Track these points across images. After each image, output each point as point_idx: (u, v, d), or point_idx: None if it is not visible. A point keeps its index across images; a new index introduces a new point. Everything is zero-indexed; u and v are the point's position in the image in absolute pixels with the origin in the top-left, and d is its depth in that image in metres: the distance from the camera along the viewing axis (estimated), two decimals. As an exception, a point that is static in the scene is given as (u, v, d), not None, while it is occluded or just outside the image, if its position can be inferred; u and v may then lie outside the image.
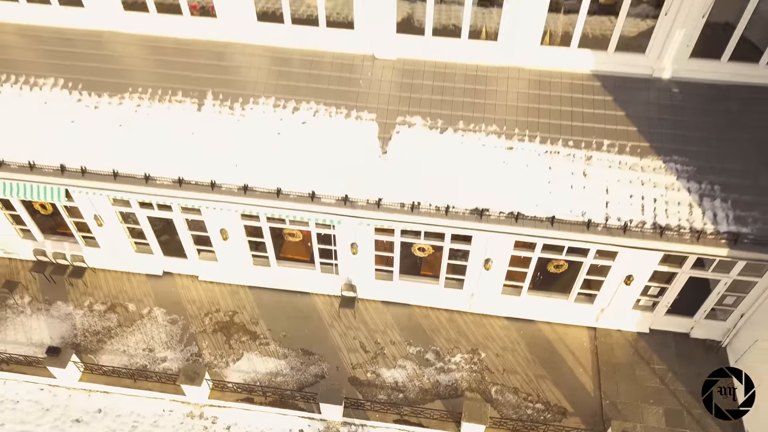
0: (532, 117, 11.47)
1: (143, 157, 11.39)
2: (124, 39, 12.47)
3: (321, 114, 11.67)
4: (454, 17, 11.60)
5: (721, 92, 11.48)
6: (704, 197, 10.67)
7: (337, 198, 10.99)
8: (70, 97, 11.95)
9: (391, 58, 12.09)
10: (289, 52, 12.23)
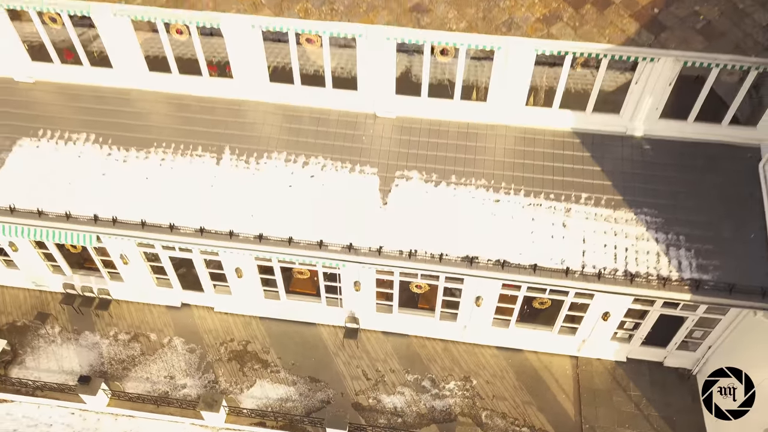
0: (517, 171, 12.75)
1: (168, 207, 12.67)
2: (150, 97, 13.78)
3: (328, 168, 12.96)
4: (449, 80, 12.90)
5: (689, 149, 12.77)
6: (671, 247, 11.94)
7: (342, 246, 12.26)
8: (101, 151, 13.25)
9: (391, 117, 13.39)
10: (299, 110, 13.53)
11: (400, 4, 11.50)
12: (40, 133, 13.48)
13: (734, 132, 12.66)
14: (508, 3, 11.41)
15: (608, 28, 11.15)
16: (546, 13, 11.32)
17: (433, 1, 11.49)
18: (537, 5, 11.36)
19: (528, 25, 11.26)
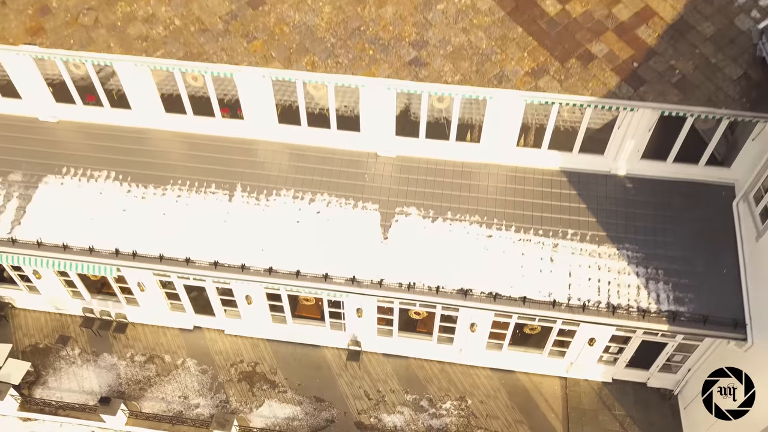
0: (508, 208, 13.72)
1: (184, 242, 13.64)
2: (166, 136, 14.76)
3: (333, 204, 13.93)
4: (445, 118, 13.87)
5: (668, 187, 13.75)
6: (650, 280, 12.91)
7: (346, 278, 13.22)
8: (121, 188, 14.21)
9: (391, 156, 14.36)
10: (305, 149, 14.50)
11: (399, 57, 12.48)
12: (63, 170, 14.45)
13: (710, 172, 13.64)
14: (500, 57, 12.39)
15: (591, 82, 12.12)
16: (534, 66, 12.29)
17: (430, 55, 12.47)
18: (526, 59, 12.34)
19: (517, 79, 12.24)
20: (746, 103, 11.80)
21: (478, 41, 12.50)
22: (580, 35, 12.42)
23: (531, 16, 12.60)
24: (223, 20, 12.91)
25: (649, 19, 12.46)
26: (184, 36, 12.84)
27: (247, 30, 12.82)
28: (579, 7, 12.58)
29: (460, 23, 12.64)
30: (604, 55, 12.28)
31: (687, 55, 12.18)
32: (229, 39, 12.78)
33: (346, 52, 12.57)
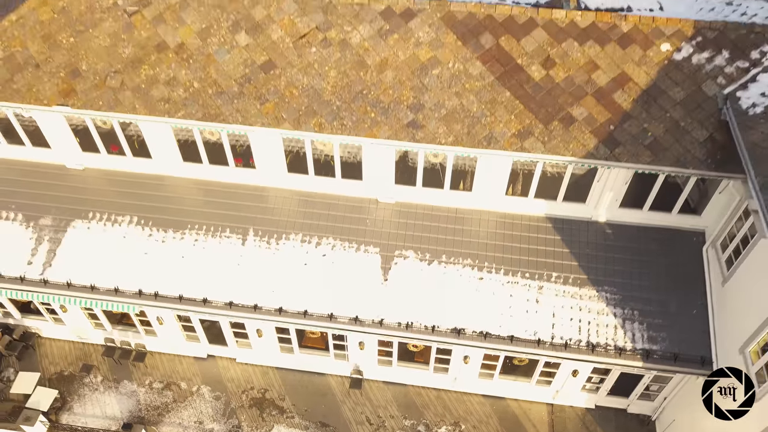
0: (498, 252, 14.99)
1: (201, 283, 14.90)
2: (184, 183, 16.03)
3: (337, 248, 15.19)
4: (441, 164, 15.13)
5: (644, 234, 15.02)
6: (626, 320, 14.16)
7: (349, 318, 14.48)
8: (143, 233, 15.48)
9: (391, 203, 15.63)
10: (312, 196, 15.77)
11: (398, 120, 13.74)
12: (90, 215, 15.72)
13: (682, 219, 14.91)
14: (489, 119, 13.65)
15: (572, 143, 13.38)
16: (520, 128, 13.55)
17: (426, 118, 13.73)
18: (513, 122, 13.60)
19: (505, 140, 13.50)
20: (711, 163, 13.05)
21: (470, 104, 13.77)
22: (563, 99, 13.68)
23: (518, 81, 13.87)
24: (238, 83, 14.17)
25: (625, 84, 13.72)
26: (203, 98, 14.10)
27: (260, 93, 14.08)
28: (561, 72, 13.84)
29: (454, 87, 13.90)
30: (584, 118, 13.54)
31: (658, 118, 13.44)
32: (243, 101, 14.05)
33: (350, 115, 13.83)
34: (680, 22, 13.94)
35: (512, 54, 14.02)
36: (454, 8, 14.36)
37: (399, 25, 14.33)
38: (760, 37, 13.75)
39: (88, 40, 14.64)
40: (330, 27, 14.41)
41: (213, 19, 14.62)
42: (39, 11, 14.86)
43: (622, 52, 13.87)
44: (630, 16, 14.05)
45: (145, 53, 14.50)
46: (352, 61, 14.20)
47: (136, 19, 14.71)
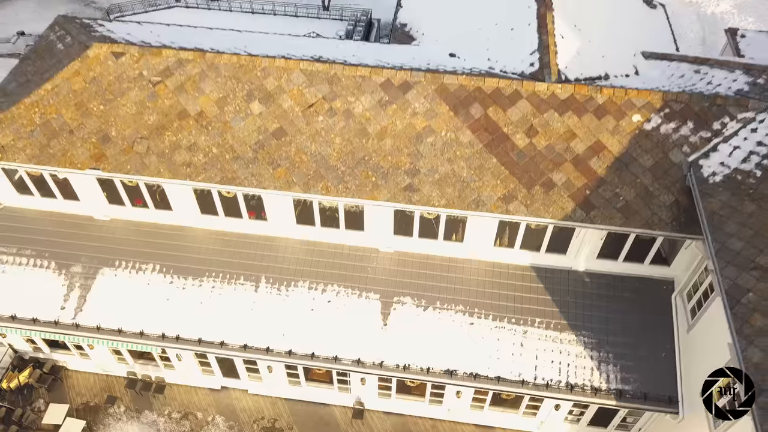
0: (487, 299, 16.54)
1: (218, 327, 16.46)
2: (201, 234, 17.59)
3: (341, 294, 16.75)
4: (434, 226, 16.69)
5: (619, 282, 16.58)
6: (602, 362, 15.72)
7: (352, 360, 16.03)
8: (165, 280, 17.04)
9: (390, 252, 17.20)
10: (319, 245, 17.33)
11: (396, 184, 15.30)
12: (116, 263, 17.28)
13: (654, 269, 16.47)
14: (477, 184, 15.21)
15: (552, 206, 14.94)
16: (505, 192, 15.12)
17: (421, 182, 15.30)
18: (499, 186, 15.16)
19: (491, 203, 15.06)
20: (676, 226, 14.62)
21: (460, 170, 15.33)
22: (544, 165, 15.25)
23: (504, 149, 15.44)
24: (253, 149, 15.74)
25: (600, 151, 15.29)
26: (221, 162, 15.67)
27: (272, 158, 15.65)
28: (543, 140, 15.41)
29: (446, 154, 15.47)
30: (563, 183, 15.10)
31: (630, 183, 15.00)
32: (257, 166, 15.62)
33: (354, 179, 15.40)
34: (650, 94, 15.52)
35: (499, 123, 15.60)
36: (446, 81, 15.94)
37: (397, 96, 15.92)
38: (722, 109, 15.33)
39: (117, 107, 16.22)
40: (335, 97, 15.99)
41: (229, 89, 16.20)
42: (72, 81, 16.45)
43: (598, 122, 15.45)
44: (605, 89, 15.63)
45: (168, 120, 16.08)
46: (355, 129, 15.78)
47: (159, 89, 16.29)
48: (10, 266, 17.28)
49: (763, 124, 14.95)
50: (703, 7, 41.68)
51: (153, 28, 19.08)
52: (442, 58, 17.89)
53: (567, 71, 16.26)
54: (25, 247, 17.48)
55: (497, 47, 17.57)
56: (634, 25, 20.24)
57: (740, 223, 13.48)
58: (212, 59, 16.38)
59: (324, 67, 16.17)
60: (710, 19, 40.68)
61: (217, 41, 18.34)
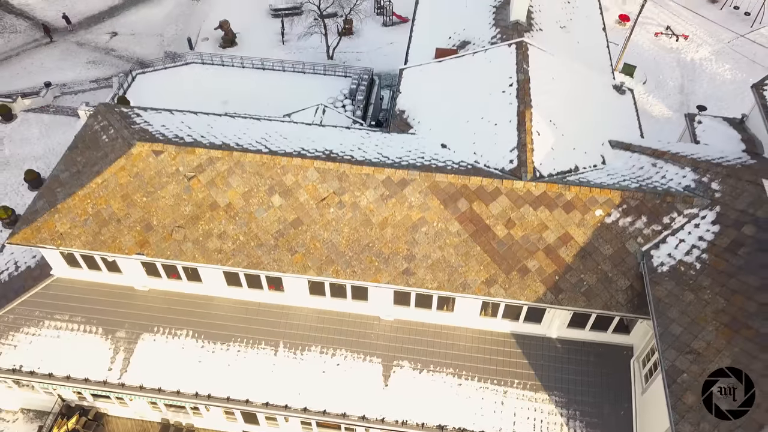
0: (473, 362, 19.32)
1: (243, 386, 19.24)
2: (228, 303, 20.39)
3: (348, 357, 19.53)
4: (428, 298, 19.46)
5: (586, 348, 19.36)
6: (570, 419, 18.50)
7: (358, 416, 18.81)
8: (196, 344, 19.83)
9: (390, 320, 19.99)
10: (329, 314, 20.13)
11: (395, 268, 18.09)
12: (155, 329, 20.08)
13: (615, 337, 19.25)
14: (464, 269, 18.00)
15: (527, 290, 17.73)
16: (487, 277, 17.90)
17: (417, 267, 18.08)
18: (482, 271, 17.95)
19: (476, 286, 17.85)
20: (630, 307, 17.40)
21: (449, 256, 18.12)
22: (520, 253, 18.04)
23: (486, 238, 18.23)
24: (274, 237, 18.54)
25: (568, 242, 18.08)
26: (247, 249, 18.47)
27: (290, 245, 18.44)
28: (520, 231, 18.20)
29: (437, 242, 18.26)
30: (536, 269, 17.89)
31: (592, 270, 17.78)
32: (278, 252, 18.41)
33: (359, 263, 18.19)
34: (610, 192, 18.32)
35: (482, 216, 18.39)
36: (437, 178, 18.74)
37: (396, 191, 18.72)
38: (671, 205, 18.13)
39: (157, 199, 19.03)
40: (344, 192, 18.80)
41: (253, 184, 19.01)
42: (118, 175, 19.25)
43: (566, 215, 18.24)
44: (573, 187, 18.42)
45: (202, 211, 18.88)
46: (360, 219, 18.57)
47: (193, 183, 19.10)
48: (63, 332, 20.10)
49: (705, 220, 17.77)
50: (683, 54, 44.43)
51: (184, 118, 21.85)
52: (435, 149, 20.71)
53: (541, 168, 19.04)
54: (75, 315, 20.29)
55: (482, 141, 20.33)
56: (605, 113, 23.03)
57: (681, 310, 16.28)
58: (239, 157, 19.19)
59: (334, 165, 18.98)
60: (689, 66, 43.40)
61: (241, 130, 21.08)
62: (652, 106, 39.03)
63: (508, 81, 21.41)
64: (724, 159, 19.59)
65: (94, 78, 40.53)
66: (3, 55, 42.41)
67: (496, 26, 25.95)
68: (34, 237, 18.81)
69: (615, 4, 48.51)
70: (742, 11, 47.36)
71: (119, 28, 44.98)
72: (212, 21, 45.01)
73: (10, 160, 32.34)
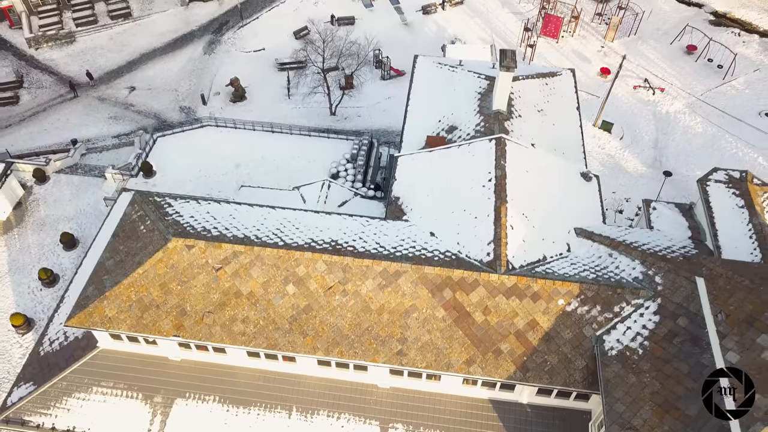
0: (457, 425, 22.84)
1: (262, 445, 22.82)
2: (248, 372, 23.95)
3: (351, 420, 23.07)
4: (419, 368, 23.00)
5: (551, 412, 22.91)
6: (537, 474, 22.04)
7: (360, 471, 22.39)
8: (222, 408, 23.37)
9: (386, 388, 23.54)
10: (335, 382, 23.68)
11: (390, 350, 21.64)
12: (187, 395, 23.62)
13: (577, 403, 22.80)
14: (448, 351, 21.54)
15: (500, 369, 21.27)
16: (468, 358, 21.44)
17: (409, 349, 21.63)
18: (463, 353, 21.49)
19: (458, 365, 21.40)
20: (585, 384, 20.95)
21: (436, 339, 21.67)
22: (495, 337, 21.58)
23: (467, 323, 21.77)
24: (288, 321, 22.08)
25: (534, 327, 21.62)
26: (266, 332, 22.01)
27: (303, 329, 21.99)
28: (495, 318, 21.75)
29: (426, 326, 21.81)
30: (508, 351, 21.43)
31: (554, 352, 21.33)
32: (292, 335, 21.96)
33: (360, 345, 21.74)
34: (570, 285, 21.87)
35: (463, 304, 21.94)
36: (426, 270, 22.29)
37: (391, 281, 22.27)
38: (621, 296, 21.69)
39: (190, 288, 22.57)
40: (347, 281, 22.35)
41: (271, 275, 22.56)
42: (157, 266, 22.79)
43: (533, 304, 21.78)
44: (539, 280, 21.97)
45: (228, 298, 22.43)
46: (361, 306, 22.12)
47: (221, 274, 22.64)
48: (109, 397, 23.65)
49: (648, 310, 21.35)
50: (659, 106, 47.97)
51: (209, 208, 25.30)
52: (425, 237, 24.23)
53: (514, 260, 22.59)
54: (119, 382, 23.83)
55: (465, 231, 23.82)
56: (572, 200, 26.55)
57: (624, 390, 19.86)
58: (259, 251, 22.74)
59: (339, 258, 22.54)
60: (664, 119, 46.89)
61: (259, 220, 24.52)
62: (627, 162, 42.58)
63: (488, 176, 24.97)
64: (669, 250, 23.20)
65: (116, 134, 44.08)
66: (31, 111, 46.05)
67: (480, 113, 29.59)
68: (87, 321, 22.36)
69: (597, 57, 52.11)
70: (716, 64, 50.84)
71: (137, 82, 48.53)
72: (223, 75, 48.62)
73: (45, 220, 35.84)
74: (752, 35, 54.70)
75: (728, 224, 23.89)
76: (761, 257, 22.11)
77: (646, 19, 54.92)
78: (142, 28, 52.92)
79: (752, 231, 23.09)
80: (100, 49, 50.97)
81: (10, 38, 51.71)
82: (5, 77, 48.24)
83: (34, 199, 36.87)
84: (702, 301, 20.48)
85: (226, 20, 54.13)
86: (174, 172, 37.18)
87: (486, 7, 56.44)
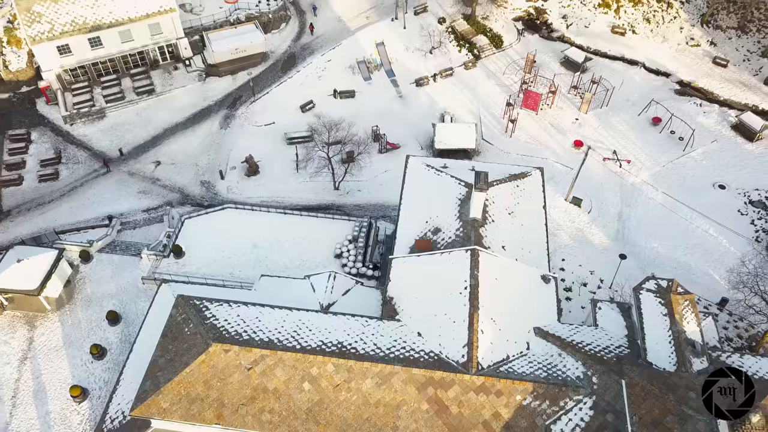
0: (438, 491, 28.91)
1: (284, 508, 28.83)
2: None
3: (354, 487, 29.12)
4: None
5: (513, 481, 29.00)
6: None
7: None
8: (252, 477, 29.44)
9: (383, 461, 29.64)
10: None
11: (385, 436, 27.71)
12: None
13: (533, 474, 28.86)
14: (430, 437, 27.59)
15: (470, 451, 27.32)
16: (445, 442, 27.50)
17: None
18: (442, 439, 27.54)
19: (438, 449, 27.45)
20: (536, 464, 27.02)
21: (421, 428, 27.67)
22: (467, 426, 27.58)
23: (446, 415, 27.77)
24: (305, 413, 28.07)
25: (498, 418, 27.64)
26: (288, 421, 28.00)
27: (316, 419, 27.99)
28: (467, 410, 27.75)
29: (413, 417, 27.81)
30: None
31: (513, 437, 27.38)
32: (308, 424, 27.94)
33: (362, 432, 27.79)
34: (525, 384, 27.92)
35: (443, 399, 28.01)
36: (413, 372, 28.36)
37: (386, 380, 28.32)
38: (566, 393, 27.78)
39: (227, 384, 28.61)
40: (351, 380, 28.40)
41: (291, 374, 28.62)
42: (201, 366, 28.83)
43: (497, 399, 27.84)
44: (502, 380, 28.02)
45: (257, 393, 28.46)
46: (362, 400, 28.16)
47: (251, 373, 28.69)
48: (162, 469, 29.70)
49: (585, 405, 27.43)
50: (625, 177, 53.97)
51: (239, 311, 31.28)
52: (414, 337, 30.27)
53: (483, 361, 28.64)
54: (169, 456, 29.89)
55: (445, 333, 29.85)
56: (533, 301, 32.59)
57: (564, 472, 25.92)
58: (281, 355, 28.78)
59: (344, 361, 28.58)
60: (629, 191, 52.86)
61: (279, 322, 30.52)
62: (593, 235, 48.64)
63: (464, 284, 31.06)
64: (607, 350, 29.31)
65: (145, 207, 50.13)
66: (69, 186, 52.12)
67: (459, 219, 35.70)
68: (147, 411, 28.42)
69: (572, 128, 58.18)
70: (677, 136, 56.93)
71: (162, 156, 54.57)
72: (239, 149, 54.65)
73: (91, 297, 41.82)
74: (712, 105, 60.84)
75: (654, 329, 29.93)
76: (675, 361, 28.15)
77: (618, 89, 60.92)
78: (164, 102, 58.95)
79: (671, 337, 29.14)
80: (128, 125, 56.97)
81: (48, 114, 57.69)
82: (45, 153, 54.30)
83: (81, 277, 42.85)
84: (625, 402, 26.55)
85: (239, 95, 60.19)
86: (200, 252, 43.19)
87: (473, 79, 62.53)
